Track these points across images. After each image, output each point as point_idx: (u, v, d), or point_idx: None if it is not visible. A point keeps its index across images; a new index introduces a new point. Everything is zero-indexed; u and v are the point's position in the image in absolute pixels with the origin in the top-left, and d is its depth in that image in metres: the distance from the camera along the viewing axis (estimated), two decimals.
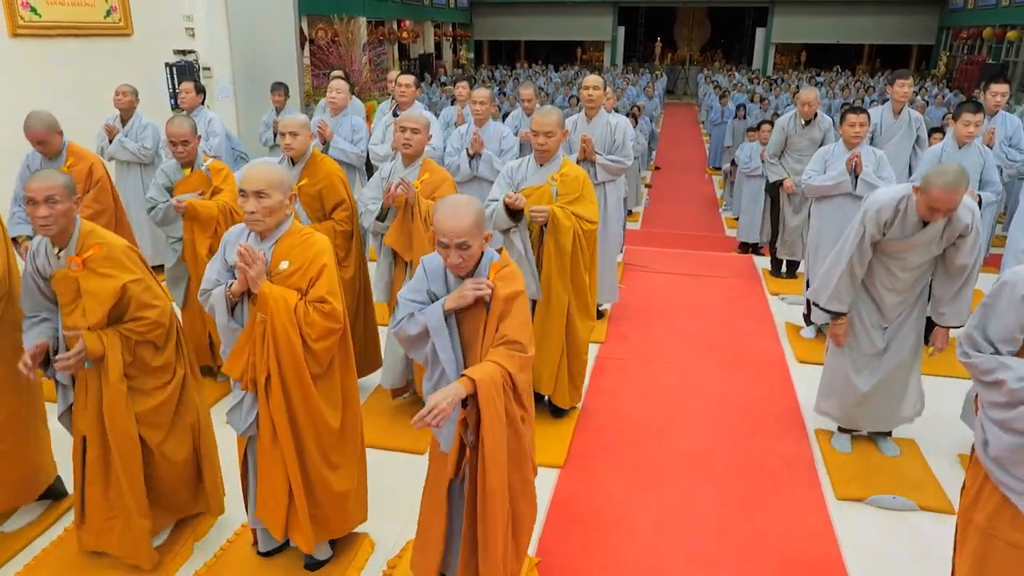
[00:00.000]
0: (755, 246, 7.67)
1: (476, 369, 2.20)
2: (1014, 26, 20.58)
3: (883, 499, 3.37)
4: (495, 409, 2.21)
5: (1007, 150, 5.80)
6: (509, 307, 2.32)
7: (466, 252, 2.27)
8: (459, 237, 2.24)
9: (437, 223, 2.27)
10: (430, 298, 2.43)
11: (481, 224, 2.30)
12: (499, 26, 30.92)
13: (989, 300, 2.19)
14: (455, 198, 2.32)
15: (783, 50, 30.40)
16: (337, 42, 11.87)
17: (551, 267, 3.64)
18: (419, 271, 2.47)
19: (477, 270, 2.37)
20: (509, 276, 2.36)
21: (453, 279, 2.40)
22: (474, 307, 2.37)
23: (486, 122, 5.43)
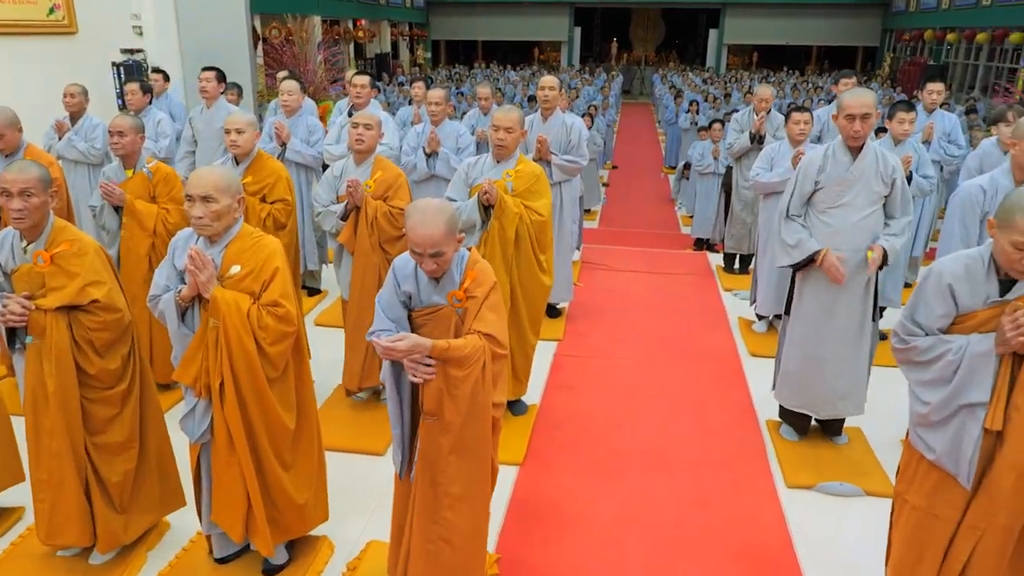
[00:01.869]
0: (709, 242, 7.82)
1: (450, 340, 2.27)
2: (953, 29, 21.36)
3: (831, 486, 3.48)
4: (460, 376, 2.27)
5: (946, 146, 6.03)
6: (483, 305, 2.36)
7: (440, 259, 2.29)
8: (433, 247, 2.25)
9: (409, 232, 2.26)
10: (406, 300, 2.44)
11: (454, 229, 2.29)
12: (456, 26, 30.90)
13: (919, 288, 2.33)
14: (425, 205, 2.29)
15: (735, 51, 31.01)
16: (291, 41, 11.73)
17: (494, 250, 3.65)
18: (390, 277, 2.47)
19: (449, 272, 2.38)
20: (481, 274, 2.39)
21: (424, 282, 2.41)
22: (442, 310, 2.38)
23: (442, 121, 5.44)
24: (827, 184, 3.45)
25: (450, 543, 2.44)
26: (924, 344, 2.29)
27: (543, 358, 4.75)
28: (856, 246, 3.46)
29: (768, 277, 5.04)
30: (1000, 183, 3.38)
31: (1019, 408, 2.16)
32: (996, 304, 2.20)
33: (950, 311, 2.27)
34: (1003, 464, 2.19)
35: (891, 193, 3.44)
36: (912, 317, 2.34)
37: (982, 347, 2.19)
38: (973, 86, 20.23)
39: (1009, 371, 2.18)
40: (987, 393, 2.19)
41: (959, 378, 2.22)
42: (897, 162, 3.45)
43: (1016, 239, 2.08)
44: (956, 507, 2.28)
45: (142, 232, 3.81)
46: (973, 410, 2.22)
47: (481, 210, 3.67)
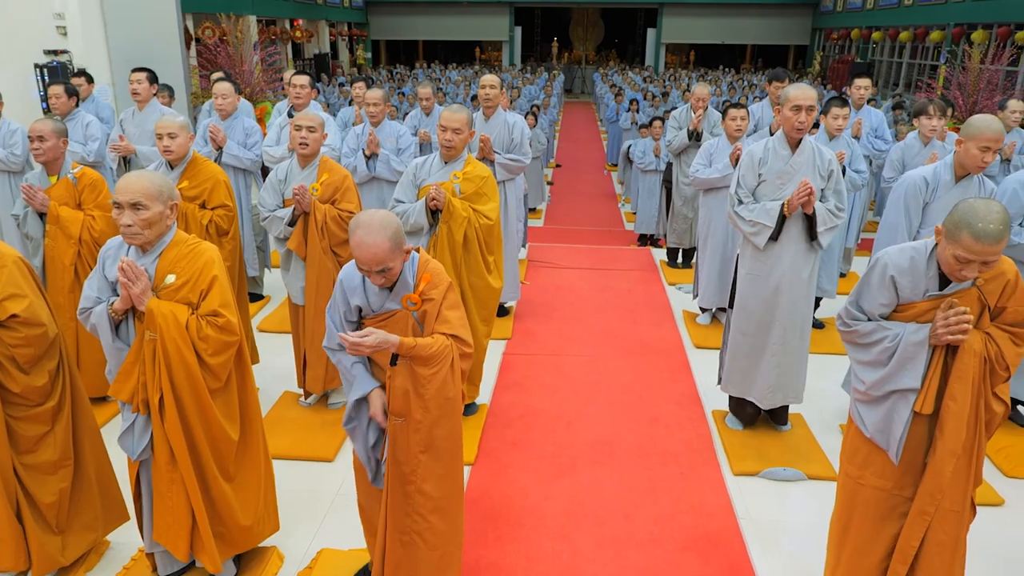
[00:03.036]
0: (653, 238, 7.95)
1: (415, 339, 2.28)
2: (878, 28, 22.23)
3: (775, 471, 3.59)
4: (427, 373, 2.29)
5: (874, 141, 6.28)
6: (443, 306, 2.35)
7: (389, 272, 2.26)
8: (379, 264, 2.21)
9: (354, 250, 2.21)
10: (355, 312, 2.41)
11: (400, 242, 2.25)
12: (396, 26, 30.62)
13: (865, 276, 2.46)
14: (369, 220, 2.21)
15: (673, 50, 31.60)
16: (225, 41, 11.42)
17: (443, 254, 3.65)
18: (337, 290, 2.43)
19: (402, 276, 2.35)
20: (435, 275, 2.37)
21: (373, 291, 2.38)
22: (397, 314, 2.36)
23: (381, 122, 5.38)
24: (768, 177, 3.55)
25: (427, 542, 2.45)
26: (865, 329, 2.42)
27: (492, 357, 4.76)
28: (798, 237, 3.56)
29: (710, 271, 5.15)
30: (942, 176, 3.53)
31: (955, 397, 2.28)
32: (934, 297, 2.33)
33: (892, 300, 2.40)
34: (943, 451, 2.31)
35: (827, 185, 3.55)
36: (857, 303, 2.47)
37: (917, 337, 2.31)
38: (898, 83, 21.09)
39: (941, 361, 2.30)
40: (918, 380, 2.32)
41: (893, 363, 2.35)
42: (832, 155, 3.57)
43: (960, 254, 2.17)
44: (899, 483, 2.41)
45: (67, 240, 3.66)
46: (904, 394, 2.35)
47: (428, 214, 3.65)
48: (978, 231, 2.11)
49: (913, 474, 2.40)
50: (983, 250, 2.12)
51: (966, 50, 10.92)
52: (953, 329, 2.22)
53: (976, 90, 9.76)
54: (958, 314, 2.22)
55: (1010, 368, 2.31)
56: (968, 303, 2.30)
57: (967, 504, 2.37)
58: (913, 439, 2.38)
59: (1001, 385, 2.35)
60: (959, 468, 2.31)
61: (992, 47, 11.72)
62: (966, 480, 2.34)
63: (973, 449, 2.34)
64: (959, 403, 2.28)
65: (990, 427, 2.38)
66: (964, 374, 2.27)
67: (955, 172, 3.50)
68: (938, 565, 2.38)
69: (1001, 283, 2.30)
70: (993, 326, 2.33)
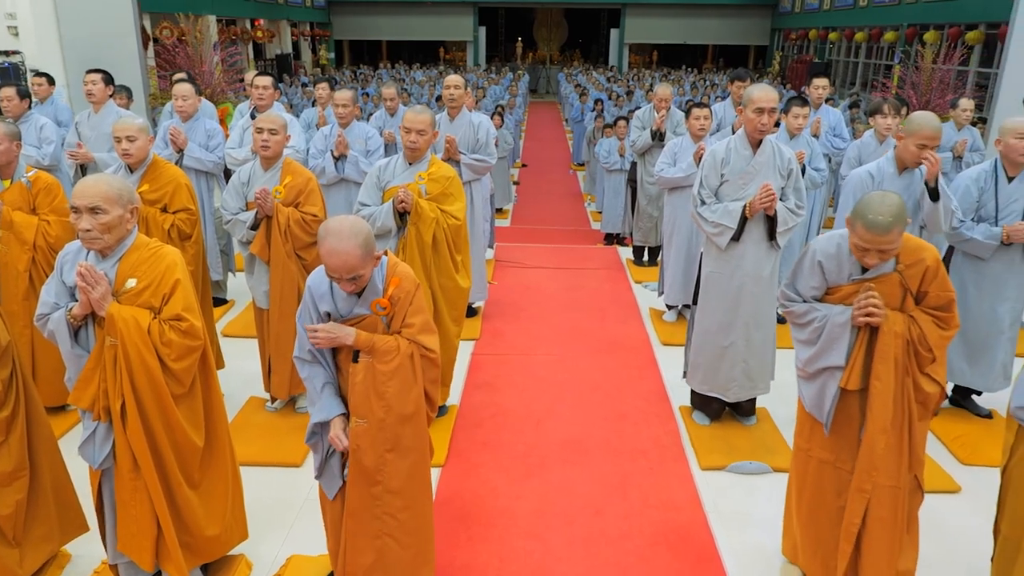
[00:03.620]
0: (619, 237, 8.02)
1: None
2: (835, 28, 22.70)
3: (742, 465, 3.65)
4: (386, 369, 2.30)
5: (832, 139, 6.41)
6: (409, 310, 2.36)
7: (360, 280, 2.25)
8: (350, 272, 2.20)
9: (324, 258, 2.20)
10: (324, 319, 2.39)
11: (371, 249, 2.23)
12: (359, 25, 30.38)
13: (798, 261, 2.65)
14: (338, 227, 2.18)
15: (636, 50, 31.88)
16: (184, 42, 11.21)
17: (412, 256, 3.63)
18: (306, 296, 2.41)
19: (370, 283, 2.34)
20: (404, 279, 2.37)
21: (342, 297, 2.37)
22: (366, 319, 2.35)
23: (350, 123, 5.34)
24: (731, 177, 3.60)
25: (399, 541, 2.46)
26: (799, 310, 2.62)
27: (461, 358, 4.74)
28: (759, 237, 3.63)
29: (675, 268, 5.22)
30: (886, 170, 3.64)
31: (880, 377, 2.44)
32: (857, 281, 2.50)
33: (821, 284, 2.60)
34: (872, 428, 2.47)
35: (787, 183, 3.62)
36: (792, 285, 2.67)
37: (841, 318, 2.49)
38: (854, 82, 21.56)
39: (865, 341, 2.47)
40: (843, 358, 2.50)
41: (821, 342, 2.54)
42: (791, 154, 3.65)
43: (857, 243, 2.39)
44: (840, 457, 2.58)
45: (21, 246, 3.57)
46: (832, 371, 2.53)
47: (396, 216, 3.63)
48: (869, 222, 2.30)
49: (851, 449, 2.57)
50: (875, 239, 2.31)
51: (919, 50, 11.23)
52: (863, 311, 2.41)
53: (929, 89, 10.03)
54: (866, 297, 2.40)
55: (934, 350, 2.44)
56: (890, 287, 2.46)
57: (902, 480, 2.48)
58: (848, 415, 2.55)
59: (933, 367, 2.48)
60: (891, 445, 2.46)
61: (944, 47, 12.05)
62: (899, 456, 2.47)
63: (904, 427, 2.47)
64: (883, 382, 2.43)
65: (927, 407, 2.51)
66: (885, 354, 2.43)
67: (897, 166, 3.62)
68: (882, 541, 2.50)
69: (921, 269, 2.45)
70: (918, 309, 2.48)
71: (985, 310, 3.84)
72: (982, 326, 3.86)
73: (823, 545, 2.67)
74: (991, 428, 3.98)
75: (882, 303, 2.41)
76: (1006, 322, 3.85)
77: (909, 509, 2.57)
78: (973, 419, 4.11)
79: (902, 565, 2.57)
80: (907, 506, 2.55)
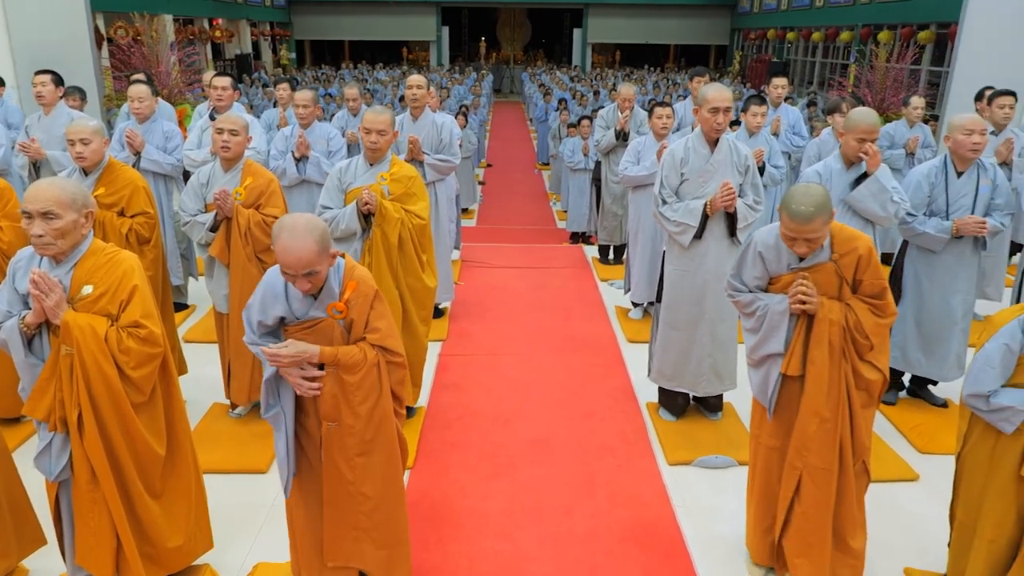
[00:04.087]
0: (584, 235, 8.06)
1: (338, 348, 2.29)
2: (792, 28, 23.13)
3: (708, 459, 3.70)
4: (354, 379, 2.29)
5: (792, 137, 6.53)
6: (371, 315, 2.33)
7: (314, 278, 2.22)
8: (305, 268, 2.16)
9: (278, 254, 2.16)
10: (276, 322, 2.35)
11: (327, 245, 2.21)
12: (320, 25, 30.04)
13: (741, 251, 2.75)
14: (293, 223, 2.17)
15: (599, 50, 32.08)
16: (140, 41, 10.97)
17: (379, 257, 3.61)
18: (257, 293, 2.36)
19: (327, 284, 2.31)
20: (362, 283, 2.34)
21: (297, 299, 2.32)
22: (322, 322, 2.32)
23: (311, 124, 5.28)
24: (691, 176, 3.65)
25: (375, 540, 2.47)
26: (744, 299, 2.72)
27: (428, 359, 4.72)
28: (721, 234, 3.68)
29: (640, 266, 5.26)
30: (833, 168, 3.73)
31: (814, 362, 2.54)
32: (795, 270, 2.60)
33: (763, 273, 2.69)
34: (805, 410, 2.58)
35: (745, 180, 3.68)
36: (738, 276, 2.77)
37: (780, 307, 2.59)
38: (812, 81, 21.99)
39: (804, 328, 2.57)
40: (782, 345, 2.60)
41: (763, 330, 2.64)
42: (748, 151, 3.72)
43: (784, 232, 2.49)
44: (784, 442, 2.68)
45: None
46: (774, 358, 2.63)
47: (361, 218, 3.60)
48: (792, 212, 2.41)
49: (792, 434, 2.66)
50: (799, 228, 2.41)
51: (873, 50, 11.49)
52: (795, 298, 2.51)
53: (883, 88, 10.28)
54: (798, 285, 2.50)
55: (871, 337, 2.54)
56: (827, 276, 2.56)
57: (835, 464, 2.58)
58: (791, 401, 2.64)
59: (874, 355, 2.57)
60: (826, 429, 2.56)
61: (897, 47, 12.36)
62: (833, 440, 2.56)
63: (842, 412, 2.56)
64: (817, 366, 2.53)
65: (871, 395, 2.61)
66: (820, 340, 2.53)
67: (844, 162, 3.71)
68: (813, 516, 2.62)
69: (854, 258, 2.54)
70: (854, 298, 2.57)
71: (938, 302, 3.95)
72: (936, 318, 3.97)
73: (770, 531, 2.79)
74: (947, 417, 4.09)
75: (814, 290, 2.51)
76: (959, 313, 3.96)
77: (856, 492, 2.67)
78: (930, 408, 4.23)
79: (854, 545, 2.68)
80: (854, 489, 2.65)
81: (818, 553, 2.64)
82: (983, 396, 2.42)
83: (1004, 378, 2.43)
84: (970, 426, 2.58)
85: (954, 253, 3.88)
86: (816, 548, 2.64)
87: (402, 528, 2.58)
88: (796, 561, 2.70)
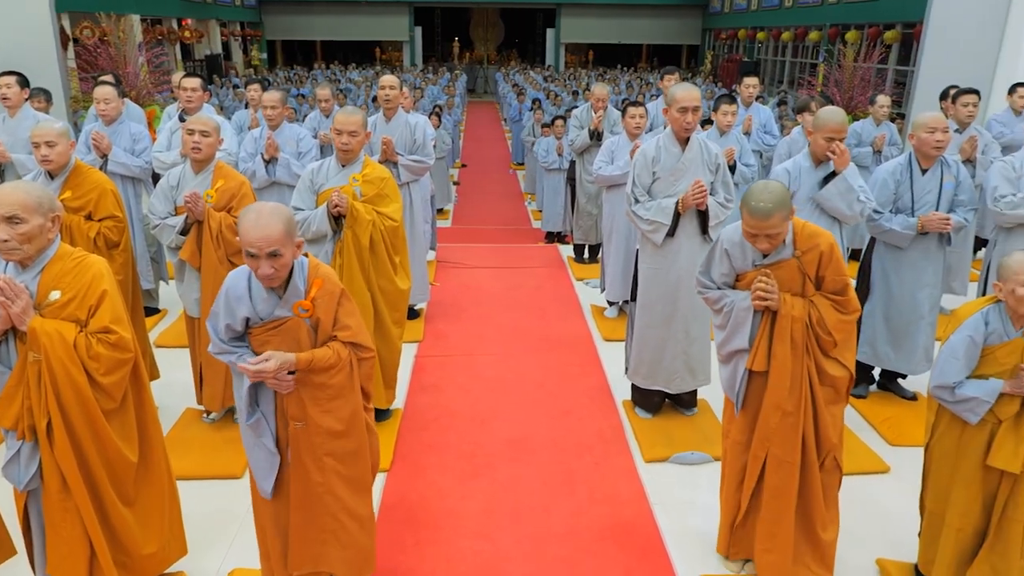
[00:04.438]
0: (559, 235, 8.08)
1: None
2: (762, 28, 23.41)
3: (684, 456, 3.73)
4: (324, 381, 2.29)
5: (763, 136, 6.62)
6: (339, 313, 2.32)
7: (278, 261, 2.18)
8: (270, 246, 2.13)
9: (243, 234, 2.14)
10: (242, 324, 2.32)
11: (292, 231, 2.20)
12: (292, 25, 29.76)
13: (709, 250, 2.79)
14: (259, 206, 2.19)
15: (572, 49, 32.19)
16: (107, 42, 10.78)
17: (350, 259, 3.58)
18: (220, 299, 2.33)
19: (292, 283, 2.29)
20: (328, 281, 2.33)
21: (261, 298, 2.29)
22: (287, 322, 2.30)
23: (280, 125, 5.24)
24: (662, 175, 3.69)
25: (340, 540, 2.46)
26: (712, 296, 2.78)
27: (404, 360, 4.70)
28: (693, 232, 3.72)
29: (615, 265, 5.30)
30: (802, 165, 3.79)
31: (777, 356, 2.59)
32: (759, 267, 2.64)
33: (730, 270, 2.73)
34: (768, 404, 2.63)
35: (716, 178, 3.73)
36: (706, 272, 2.82)
37: (744, 303, 2.64)
38: (782, 80, 22.27)
39: (768, 324, 2.61)
40: (746, 340, 2.64)
41: (729, 327, 2.68)
42: (718, 150, 3.77)
43: (745, 229, 2.53)
44: (750, 437, 2.73)
45: None
46: (741, 353, 2.68)
47: (331, 220, 3.58)
48: (752, 208, 2.45)
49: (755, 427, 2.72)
50: (758, 224, 2.46)
51: (841, 49, 11.66)
52: (756, 294, 2.55)
53: (852, 87, 10.44)
54: (759, 281, 2.55)
55: (833, 333, 2.58)
56: (789, 273, 2.60)
57: (797, 457, 2.63)
58: (758, 396, 2.68)
59: (839, 351, 2.61)
60: (788, 423, 2.61)
61: (864, 46, 12.57)
62: (795, 434, 2.61)
63: (805, 407, 2.60)
64: (780, 361, 2.58)
65: (837, 391, 2.65)
66: (783, 336, 2.57)
67: (812, 160, 3.77)
68: (774, 507, 2.68)
69: (816, 255, 2.58)
70: (818, 294, 2.61)
71: (906, 297, 4.02)
72: (904, 312, 4.05)
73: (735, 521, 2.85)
74: (917, 410, 4.17)
75: (775, 286, 2.56)
76: (926, 307, 4.04)
77: (826, 487, 2.72)
78: (900, 402, 4.31)
79: (824, 537, 2.73)
80: (823, 484, 2.70)
81: (781, 545, 2.68)
82: (949, 387, 2.48)
83: (969, 369, 2.49)
84: (937, 417, 2.64)
85: (920, 249, 3.95)
86: (779, 539, 2.68)
87: (369, 528, 2.57)
88: (761, 553, 2.74)
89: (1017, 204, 3.79)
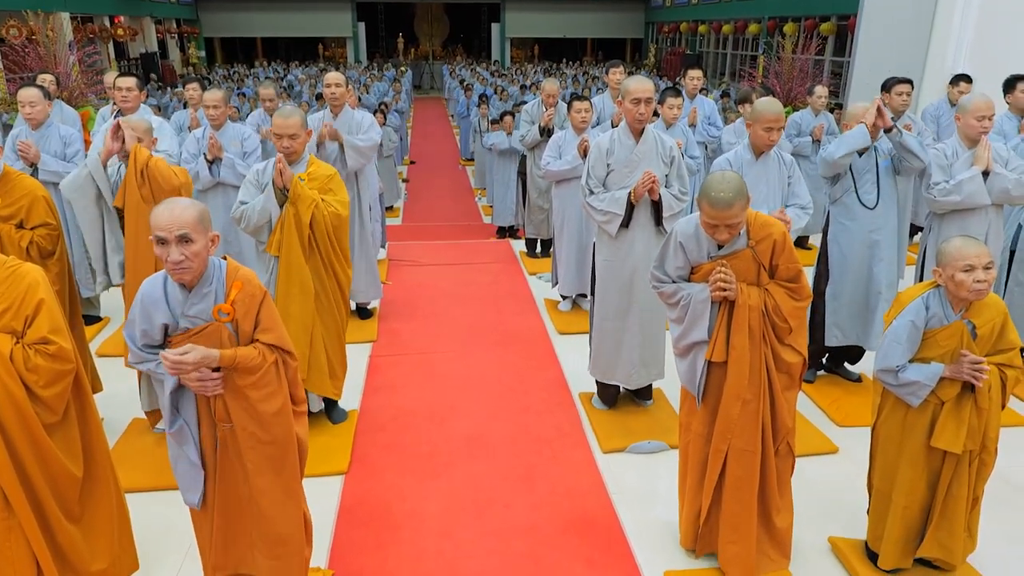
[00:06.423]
0: (511, 230, 8.09)
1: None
2: (703, 21, 23.82)
3: (641, 445, 3.78)
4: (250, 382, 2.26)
5: (708, 128, 6.72)
6: (260, 315, 2.29)
7: (189, 248, 2.14)
8: (180, 228, 2.11)
9: (153, 219, 2.13)
10: (160, 332, 2.26)
11: (207, 223, 2.20)
12: (230, 22, 29.05)
13: (663, 244, 2.80)
14: (173, 198, 2.24)
15: (518, 44, 32.26)
16: (35, 41, 10.34)
17: (291, 236, 3.47)
18: (136, 307, 2.26)
19: (211, 286, 2.23)
20: (248, 283, 2.27)
21: (177, 299, 2.24)
22: (208, 327, 2.25)
23: (223, 125, 5.10)
24: (616, 167, 3.72)
25: (267, 545, 2.43)
26: (668, 290, 2.78)
27: (359, 361, 4.66)
28: (647, 222, 3.76)
29: (567, 259, 5.32)
30: (743, 157, 3.86)
31: (735, 347, 2.63)
32: (715, 258, 2.67)
33: (685, 263, 2.74)
34: (728, 394, 2.67)
35: (670, 171, 3.77)
36: (660, 266, 2.82)
37: (702, 295, 2.66)
38: (724, 72, 22.73)
39: (726, 315, 2.64)
40: (705, 332, 2.67)
41: (687, 319, 2.70)
42: (673, 142, 3.81)
43: (705, 220, 2.56)
44: (711, 429, 2.76)
45: None
46: (700, 345, 2.70)
47: (278, 192, 3.46)
48: (712, 199, 2.47)
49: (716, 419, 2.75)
50: (719, 215, 2.48)
51: (780, 41, 11.95)
52: (715, 285, 2.59)
53: (791, 78, 10.71)
54: (717, 272, 2.58)
55: (789, 320, 2.64)
56: (745, 263, 2.64)
57: (758, 445, 2.69)
58: (718, 388, 2.71)
59: (793, 337, 2.67)
60: (749, 412, 2.65)
61: (801, 39, 12.90)
62: (756, 422, 2.67)
63: (763, 395, 2.66)
64: (738, 351, 2.62)
65: (792, 377, 2.71)
66: (741, 326, 2.61)
67: (753, 152, 3.85)
68: (737, 498, 2.73)
69: (770, 244, 2.63)
70: (772, 283, 2.66)
71: (864, 272, 4.13)
72: (862, 287, 4.14)
73: (699, 517, 2.86)
74: (862, 391, 4.32)
75: (733, 276, 2.59)
76: (883, 283, 4.12)
77: (780, 473, 2.78)
78: (846, 384, 4.44)
79: (778, 523, 2.80)
80: (777, 470, 2.76)
81: (745, 535, 2.74)
82: (892, 371, 2.57)
83: (911, 353, 2.58)
84: (883, 399, 2.73)
85: (874, 222, 4.05)
86: (743, 530, 2.74)
87: (298, 531, 2.52)
88: (725, 545, 2.79)
89: (949, 191, 3.93)
